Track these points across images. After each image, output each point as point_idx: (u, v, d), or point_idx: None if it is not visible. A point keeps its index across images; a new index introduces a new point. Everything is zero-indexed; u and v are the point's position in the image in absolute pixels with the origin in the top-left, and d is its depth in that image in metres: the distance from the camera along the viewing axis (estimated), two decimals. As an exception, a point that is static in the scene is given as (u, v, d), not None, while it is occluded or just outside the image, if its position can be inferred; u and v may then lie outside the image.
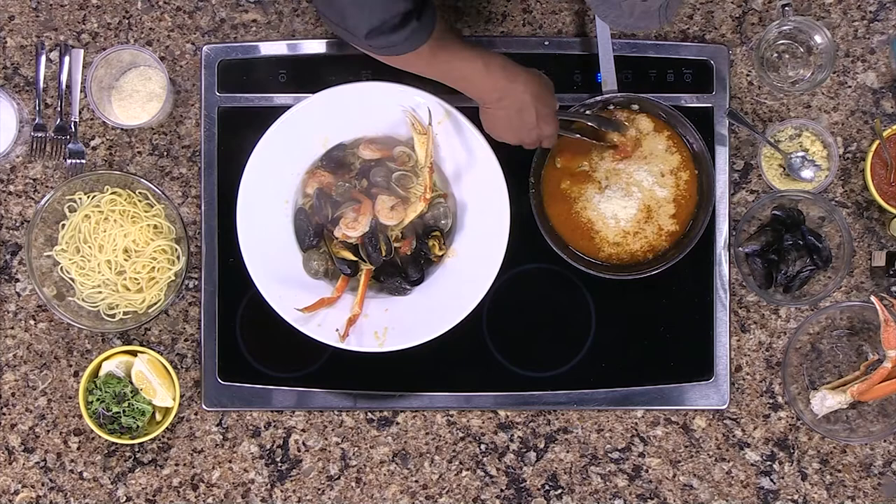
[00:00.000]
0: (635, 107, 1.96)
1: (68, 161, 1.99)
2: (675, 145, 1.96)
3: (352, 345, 1.91)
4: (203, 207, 2.00)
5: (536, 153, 1.94)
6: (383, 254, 1.92)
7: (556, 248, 1.93)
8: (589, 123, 1.94)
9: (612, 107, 1.96)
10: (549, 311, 2.01)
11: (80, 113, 2.01)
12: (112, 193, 1.97)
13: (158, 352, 1.98)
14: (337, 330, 1.90)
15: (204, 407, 1.99)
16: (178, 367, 2.00)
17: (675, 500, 2.00)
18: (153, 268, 1.96)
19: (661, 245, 1.96)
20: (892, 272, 1.96)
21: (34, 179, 2.01)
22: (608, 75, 1.95)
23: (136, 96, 1.99)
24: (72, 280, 1.98)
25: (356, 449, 2.00)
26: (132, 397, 1.94)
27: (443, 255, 1.95)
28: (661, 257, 1.96)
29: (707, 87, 2.00)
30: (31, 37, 2.02)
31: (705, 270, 1.99)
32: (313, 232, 1.94)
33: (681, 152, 1.96)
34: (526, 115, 1.82)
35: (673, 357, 2.00)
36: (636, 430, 2.00)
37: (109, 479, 2.00)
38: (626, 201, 1.94)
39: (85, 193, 1.98)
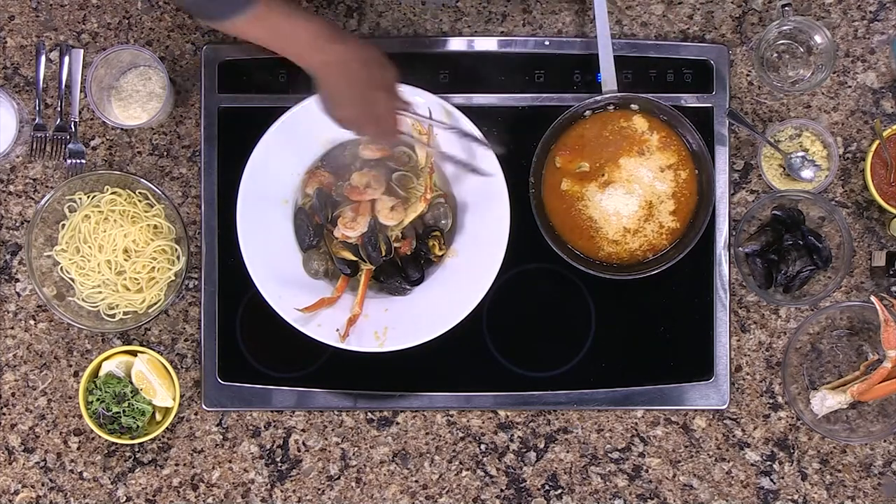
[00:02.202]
0: (634, 106, 1.96)
1: (68, 161, 1.99)
2: (673, 143, 1.96)
3: (352, 345, 1.91)
4: (203, 207, 2.00)
5: (536, 153, 1.93)
6: (383, 254, 1.92)
7: (555, 248, 1.93)
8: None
9: (611, 107, 1.96)
10: (549, 311, 2.00)
11: (80, 113, 2.01)
12: (112, 193, 1.97)
13: (158, 352, 1.98)
14: (337, 330, 1.91)
15: (204, 407, 1.99)
16: (178, 367, 2.00)
17: (675, 500, 2.00)
18: (153, 268, 1.96)
19: (661, 244, 1.96)
20: (892, 272, 1.96)
21: (34, 179, 2.01)
22: (608, 75, 1.95)
23: (136, 96, 1.99)
24: (72, 280, 1.98)
25: (356, 449, 2.00)
26: (132, 397, 1.94)
27: (443, 255, 1.95)
28: (662, 257, 1.96)
29: (707, 87, 2.00)
30: (31, 37, 2.02)
31: (705, 270, 1.99)
32: (313, 232, 1.94)
33: (678, 151, 1.96)
34: (357, 81, 1.72)
35: (673, 357, 2.00)
36: (636, 430, 2.00)
37: (109, 479, 2.00)
38: (628, 198, 1.94)
39: (85, 193, 1.98)
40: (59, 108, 2.00)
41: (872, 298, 1.92)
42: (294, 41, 1.70)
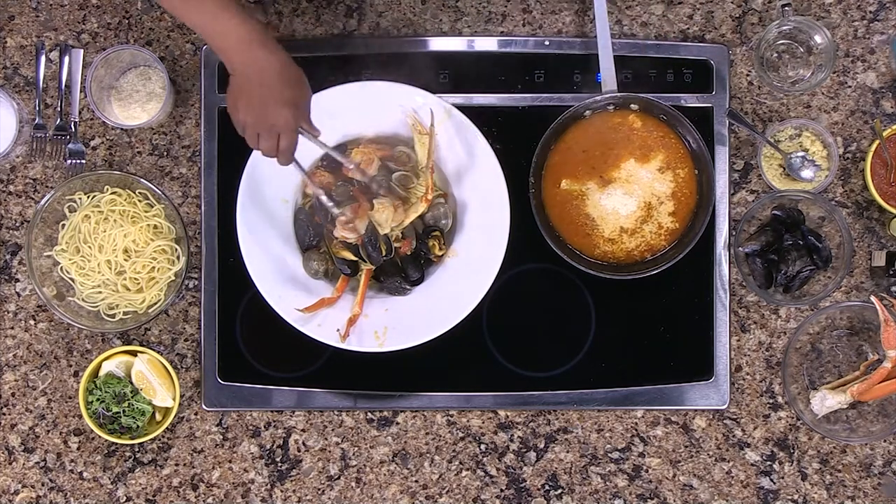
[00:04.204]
0: (634, 106, 1.96)
1: (68, 161, 1.99)
2: (673, 143, 1.96)
3: (352, 345, 1.91)
4: (203, 207, 2.00)
5: (536, 153, 1.93)
6: (383, 254, 1.92)
7: (556, 249, 1.93)
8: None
9: (611, 107, 1.96)
10: (549, 311, 2.00)
11: (80, 113, 2.01)
12: (112, 193, 1.97)
13: (158, 352, 1.98)
14: (337, 330, 1.91)
15: (204, 407, 1.99)
16: (178, 367, 2.00)
17: (675, 500, 2.00)
18: (153, 268, 1.97)
19: (660, 244, 1.96)
20: (892, 272, 1.96)
21: (34, 179, 2.01)
22: (608, 75, 1.95)
23: (136, 96, 1.99)
24: (72, 280, 1.98)
25: (356, 449, 2.00)
26: (132, 397, 1.95)
27: (443, 255, 1.95)
28: (661, 257, 1.96)
29: (707, 87, 2.00)
30: (31, 37, 2.02)
31: (705, 270, 1.99)
32: (313, 232, 1.94)
33: (677, 150, 1.96)
34: (263, 91, 1.69)
35: (673, 357, 2.00)
36: (636, 430, 2.00)
37: (109, 479, 2.00)
38: (627, 199, 1.94)
39: (85, 193, 1.98)
40: (59, 108, 2.00)
41: (872, 298, 1.92)
42: (221, 37, 1.68)
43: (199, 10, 1.67)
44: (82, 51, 2.01)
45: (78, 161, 2.00)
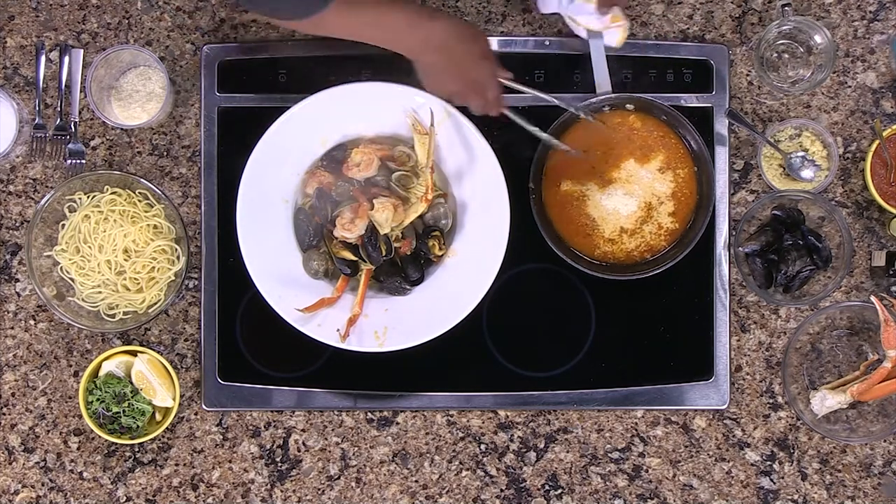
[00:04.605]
0: (630, 106, 1.96)
1: (68, 161, 1.99)
2: (672, 143, 1.96)
3: (352, 345, 1.91)
4: (203, 207, 2.00)
5: (537, 152, 1.93)
6: (383, 253, 1.92)
7: (556, 249, 1.93)
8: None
9: (606, 109, 1.96)
10: (549, 311, 2.00)
11: (80, 113, 2.01)
12: (112, 193, 1.97)
13: (158, 352, 1.98)
14: (337, 330, 1.91)
15: (204, 407, 1.99)
16: (178, 367, 2.00)
17: (675, 500, 2.00)
18: (153, 268, 1.97)
19: (660, 245, 1.96)
20: (892, 272, 1.96)
21: (34, 179, 2.01)
22: (601, 77, 1.93)
23: (136, 96, 1.99)
24: (72, 280, 1.98)
25: (356, 449, 2.00)
26: (132, 397, 1.95)
27: (443, 255, 1.95)
28: (661, 257, 1.96)
29: (707, 87, 2.00)
30: (31, 37, 2.02)
31: (705, 270, 1.99)
32: (313, 232, 1.94)
33: (677, 151, 1.96)
34: (456, 55, 1.77)
35: (673, 357, 2.00)
36: (636, 430, 2.00)
37: (109, 479, 2.00)
38: (627, 199, 1.94)
39: (85, 193, 1.98)
40: (59, 108, 2.00)
41: (872, 298, 1.92)
42: (381, 28, 1.74)
43: (342, 21, 1.71)
44: (82, 51, 2.01)
45: (78, 161, 2.00)
